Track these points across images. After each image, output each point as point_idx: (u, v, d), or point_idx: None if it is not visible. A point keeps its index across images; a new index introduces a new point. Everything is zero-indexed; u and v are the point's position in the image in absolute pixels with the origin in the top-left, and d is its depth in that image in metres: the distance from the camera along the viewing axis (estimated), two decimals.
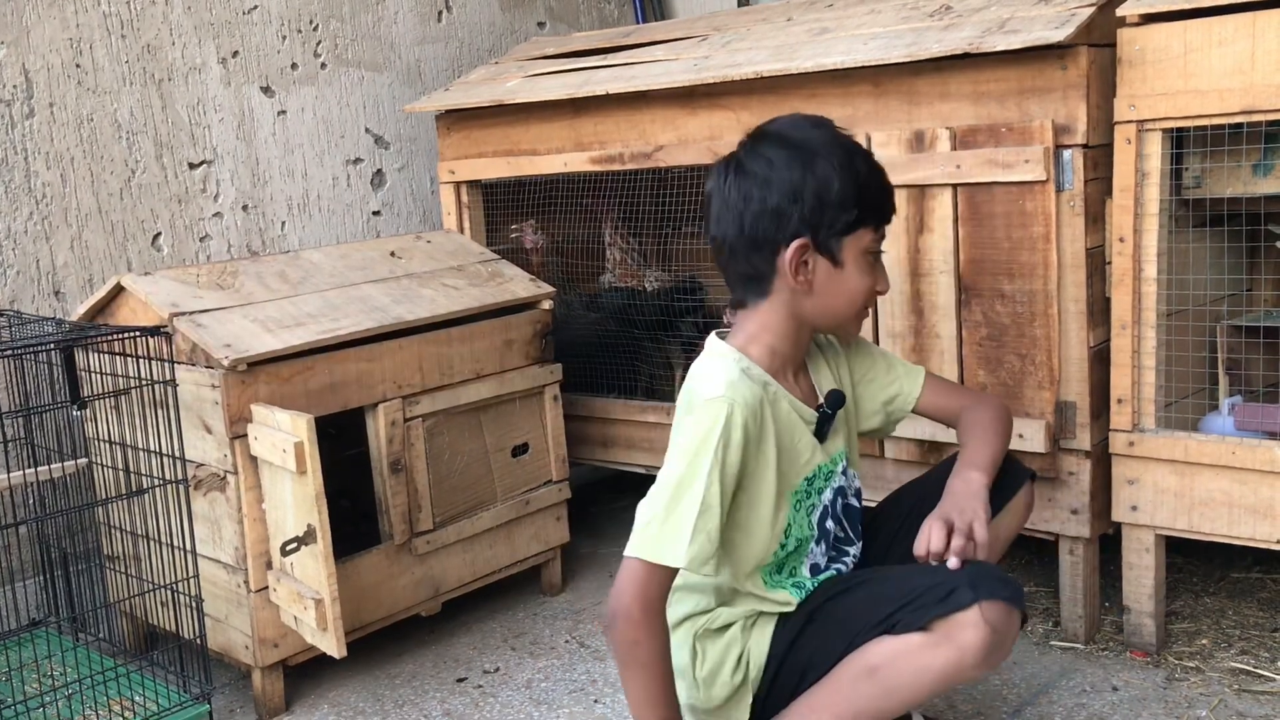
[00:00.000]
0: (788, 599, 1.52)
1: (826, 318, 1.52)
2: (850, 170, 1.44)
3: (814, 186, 1.43)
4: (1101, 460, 1.94)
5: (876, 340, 2.07)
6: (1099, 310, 1.91)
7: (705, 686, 1.53)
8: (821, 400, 1.56)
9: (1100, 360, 1.92)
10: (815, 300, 1.48)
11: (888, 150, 2.00)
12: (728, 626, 1.52)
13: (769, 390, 1.49)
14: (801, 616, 1.50)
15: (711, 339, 1.54)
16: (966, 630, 1.35)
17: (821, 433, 1.54)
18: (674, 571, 1.40)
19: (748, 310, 1.52)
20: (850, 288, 1.48)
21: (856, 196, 1.44)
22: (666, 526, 1.38)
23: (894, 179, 1.97)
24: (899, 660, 1.38)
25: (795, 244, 1.44)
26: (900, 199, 1.98)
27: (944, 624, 1.36)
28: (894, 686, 1.39)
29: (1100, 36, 1.84)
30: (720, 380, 1.45)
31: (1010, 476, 1.61)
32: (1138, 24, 1.80)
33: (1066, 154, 1.85)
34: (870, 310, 1.55)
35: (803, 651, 1.48)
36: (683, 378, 2.59)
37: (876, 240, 1.49)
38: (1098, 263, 1.90)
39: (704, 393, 1.45)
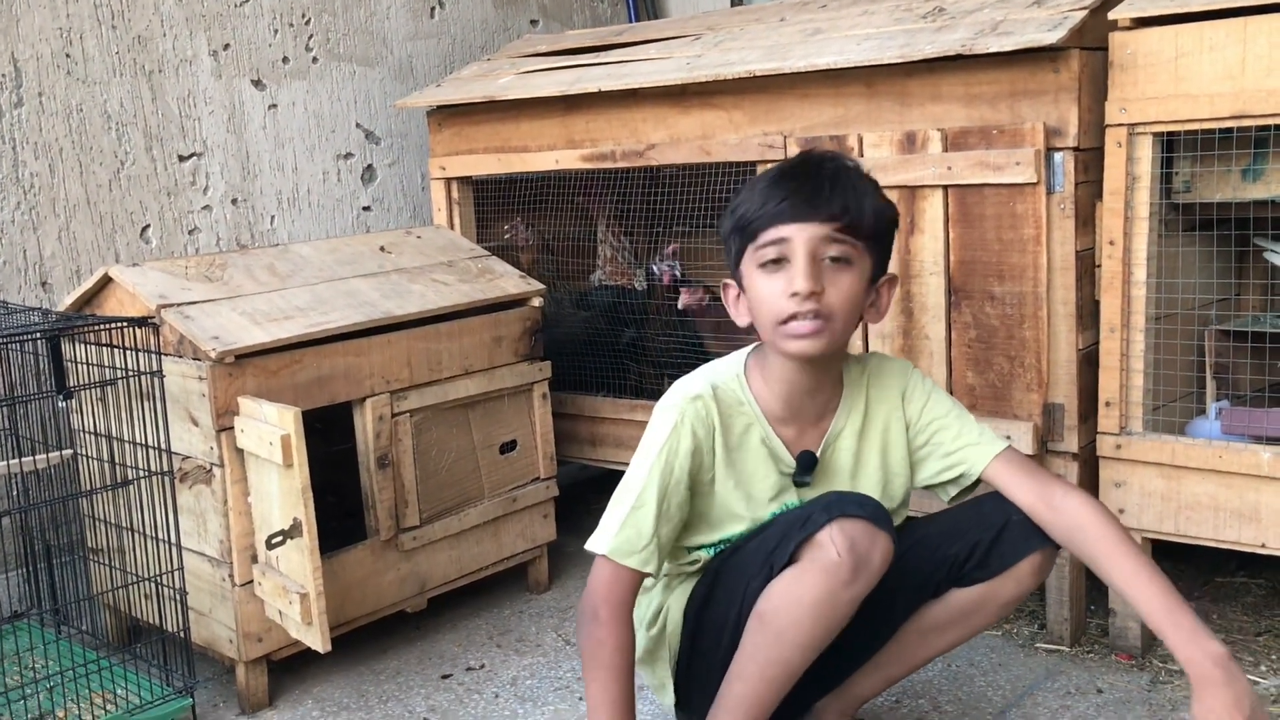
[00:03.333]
0: (700, 558, 1.56)
1: (767, 341, 1.50)
2: (730, 208, 1.49)
3: (722, 234, 1.52)
4: (1089, 463, 1.94)
5: (866, 342, 2.07)
6: (1088, 313, 1.91)
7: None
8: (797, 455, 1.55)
9: (1088, 363, 1.92)
10: (757, 329, 1.50)
11: (879, 151, 2.00)
12: (655, 583, 1.58)
13: (738, 416, 1.52)
14: (710, 575, 1.52)
15: (744, 350, 1.58)
16: (825, 549, 1.34)
17: (799, 482, 1.54)
18: (630, 571, 1.44)
19: (760, 352, 1.56)
20: (755, 306, 1.47)
21: (734, 223, 1.48)
22: (606, 519, 1.47)
23: (885, 180, 1.99)
24: (777, 600, 1.38)
25: (723, 286, 1.54)
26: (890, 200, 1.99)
27: (806, 549, 1.37)
28: (781, 628, 1.38)
29: (1092, 40, 1.84)
30: (684, 390, 1.52)
31: (1023, 539, 1.49)
32: (1130, 28, 1.81)
33: (1057, 157, 1.85)
34: (804, 317, 1.41)
35: (716, 609, 1.50)
36: (670, 379, 2.59)
37: (761, 248, 1.44)
38: (1087, 265, 1.90)
39: (666, 400, 1.52)
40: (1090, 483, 1.94)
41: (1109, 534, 1.41)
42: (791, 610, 1.36)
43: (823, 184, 1.43)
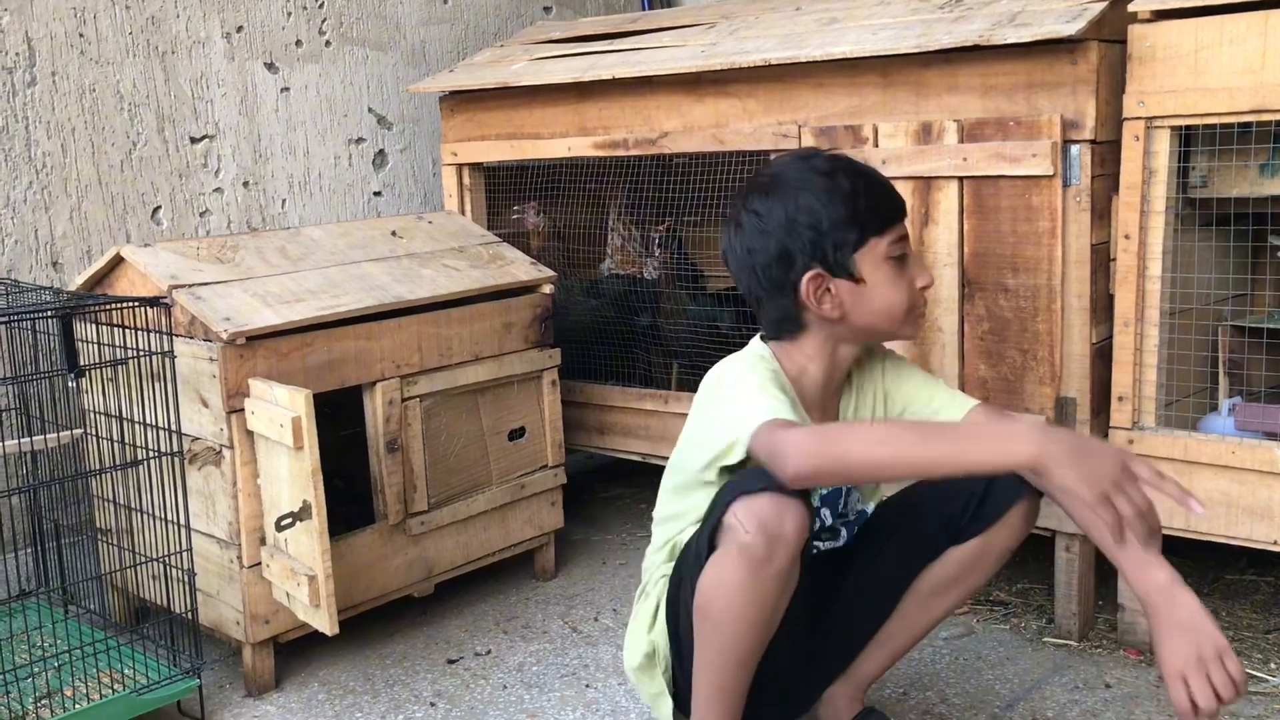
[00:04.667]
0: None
1: (874, 331, 1.52)
2: (833, 192, 1.46)
3: (805, 220, 1.46)
4: None
5: None
6: (1102, 307, 1.91)
7: (629, 646, 1.57)
8: None
9: (1102, 357, 1.91)
10: (854, 320, 1.49)
11: (894, 141, 1.99)
12: (655, 586, 1.55)
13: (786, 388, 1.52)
14: (675, 570, 1.50)
15: (755, 339, 1.57)
16: (734, 531, 1.32)
17: None
18: (770, 422, 1.35)
19: (785, 342, 1.54)
20: (883, 298, 1.48)
21: (849, 214, 1.45)
22: (723, 424, 1.41)
23: (900, 170, 1.98)
24: (706, 590, 1.36)
25: (808, 277, 1.47)
26: (905, 191, 1.99)
27: (720, 534, 1.34)
28: (719, 618, 1.35)
29: (1111, 32, 1.83)
30: (745, 353, 1.55)
31: (1012, 487, 1.51)
32: (1149, 20, 1.80)
33: (1074, 149, 1.84)
34: (923, 307, 1.53)
35: (683, 604, 1.46)
36: (680, 367, 2.59)
37: (893, 244, 1.48)
38: (1102, 259, 1.89)
39: (731, 359, 1.53)
40: None
41: None
42: (721, 597, 1.34)
43: (888, 181, 1.53)
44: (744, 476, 1.37)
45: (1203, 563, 2.28)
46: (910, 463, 1.30)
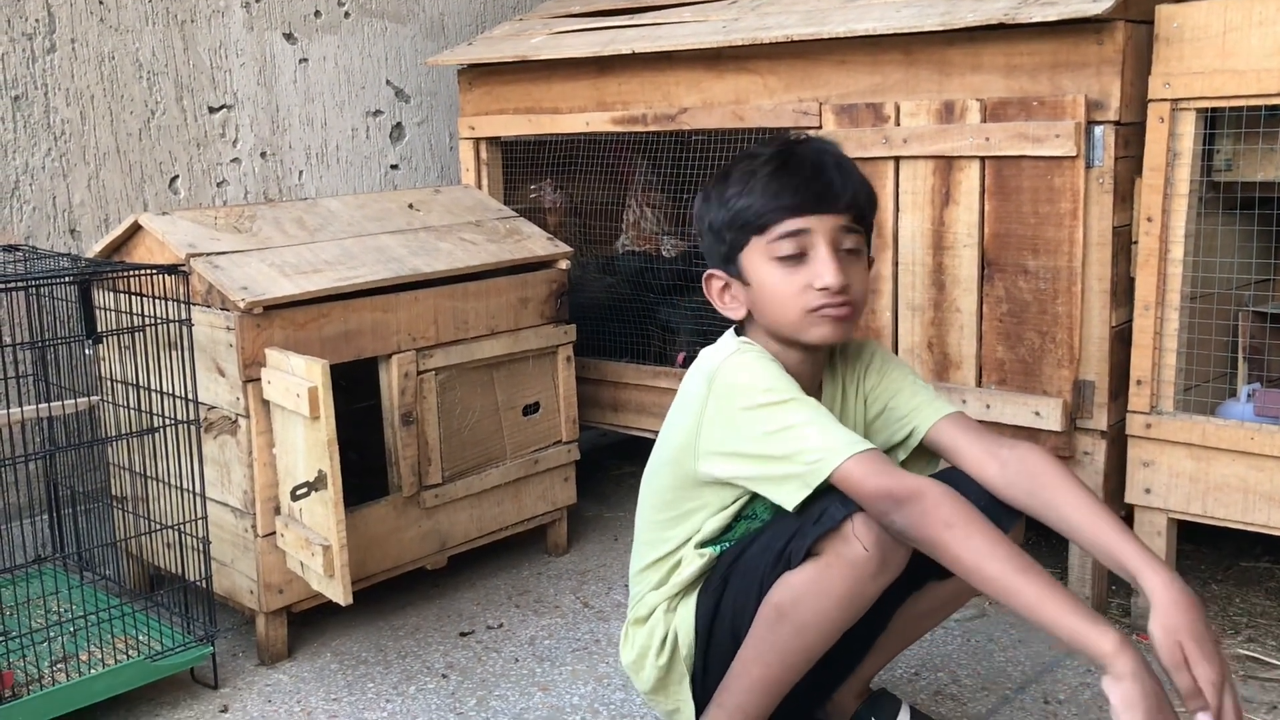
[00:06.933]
0: (708, 555, 1.50)
1: (779, 333, 1.47)
2: (720, 198, 1.47)
3: (704, 223, 1.50)
4: (1117, 441, 1.92)
5: (895, 313, 2.06)
6: (1122, 290, 1.90)
7: (635, 671, 1.56)
8: None
9: (1121, 340, 1.90)
10: (760, 320, 1.48)
11: (916, 120, 1.98)
12: (651, 613, 1.54)
13: None
14: (719, 580, 1.48)
15: (729, 332, 1.55)
16: (850, 544, 1.31)
17: None
18: (874, 450, 1.32)
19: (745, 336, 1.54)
20: (769, 300, 1.44)
21: (731, 216, 1.45)
22: (791, 461, 1.34)
23: (921, 150, 1.97)
24: (799, 593, 1.35)
25: (705, 276, 1.52)
26: (926, 170, 1.98)
27: (829, 544, 1.33)
28: (805, 621, 1.36)
29: (1138, 12, 1.81)
30: (729, 343, 1.50)
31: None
32: (1177, 0, 1.78)
33: (1098, 130, 1.83)
34: (833, 307, 1.41)
35: (726, 616, 1.46)
36: (692, 346, 2.58)
37: (776, 242, 1.42)
38: (1124, 242, 1.88)
39: (717, 358, 1.47)
40: (1118, 461, 1.93)
41: (1062, 476, 1.39)
42: (816, 603, 1.35)
43: (833, 174, 1.43)
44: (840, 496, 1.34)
45: (1218, 549, 2.27)
46: (999, 588, 1.23)
